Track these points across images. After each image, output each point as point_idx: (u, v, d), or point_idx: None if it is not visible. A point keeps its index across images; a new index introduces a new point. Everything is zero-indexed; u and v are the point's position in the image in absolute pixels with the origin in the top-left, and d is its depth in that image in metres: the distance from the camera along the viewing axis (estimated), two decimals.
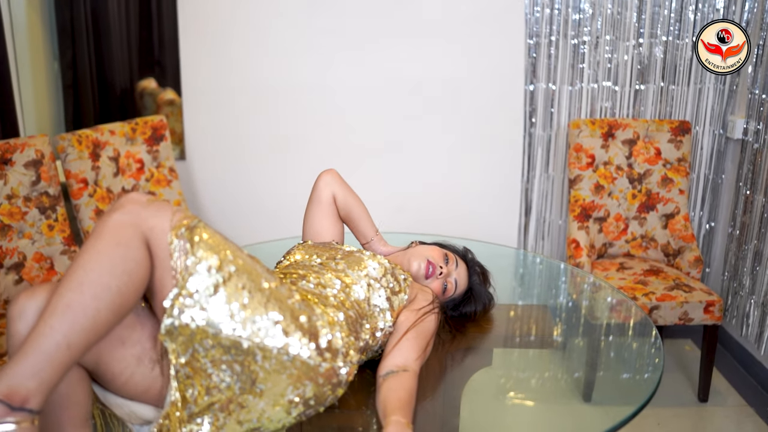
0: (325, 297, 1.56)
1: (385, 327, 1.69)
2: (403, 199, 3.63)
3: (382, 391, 1.51)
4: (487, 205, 3.63)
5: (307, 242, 1.88)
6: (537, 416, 2.14)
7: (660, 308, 2.93)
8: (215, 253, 1.32)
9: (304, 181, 3.72)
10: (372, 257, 1.78)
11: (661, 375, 1.83)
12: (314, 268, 1.69)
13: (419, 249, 1.98)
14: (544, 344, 1.99)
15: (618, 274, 3.13)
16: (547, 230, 3.64)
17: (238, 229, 3.63)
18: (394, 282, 1.76)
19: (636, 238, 3.34)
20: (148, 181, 3.16)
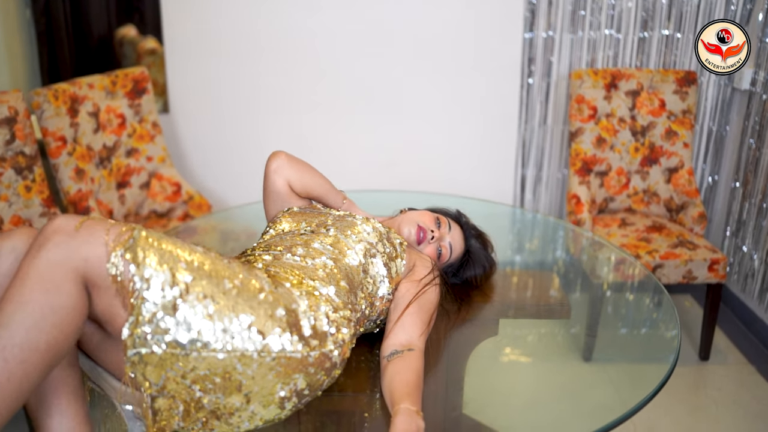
0: (313, 270, 1.45)
1: (385, 295, 1.60)
2: (395, 155, 3.50)
3: (387, 375, 1.42)
4: (483, 159, 3.51)
5: (293, 209, 1.76)
6: (540, 377, 2.07)
7: (664, 266, 2.85)
8: (165, 265, 1.19)
9: (294, 134, 3.58)
10: (365, 221, 1.66)
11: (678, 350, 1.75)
12: (303, 237, 1.57)
13: (409, 215, 1.86)
14: (554, 314, 1.90)
15: (620, 231, 3.04)
16: (546, 185, 3.53)
17: (225, 186, 3.50)
18: (390, 247, 1.66)
19: (638, 193, 3.24)
20: (130, 137, 3.01)
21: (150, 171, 3.08)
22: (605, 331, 2.67)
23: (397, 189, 3.43)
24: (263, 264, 1.44)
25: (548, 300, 1.88)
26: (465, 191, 3.46)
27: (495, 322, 1.90)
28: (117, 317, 1.20)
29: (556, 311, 1.88)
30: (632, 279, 2.76)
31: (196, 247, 1.28)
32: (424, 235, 1.79)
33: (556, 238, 2.94)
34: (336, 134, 3.46)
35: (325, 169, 3.52)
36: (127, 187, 3.02)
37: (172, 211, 3.11)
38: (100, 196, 2.89)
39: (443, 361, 1.74)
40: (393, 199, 3.00)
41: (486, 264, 1.92)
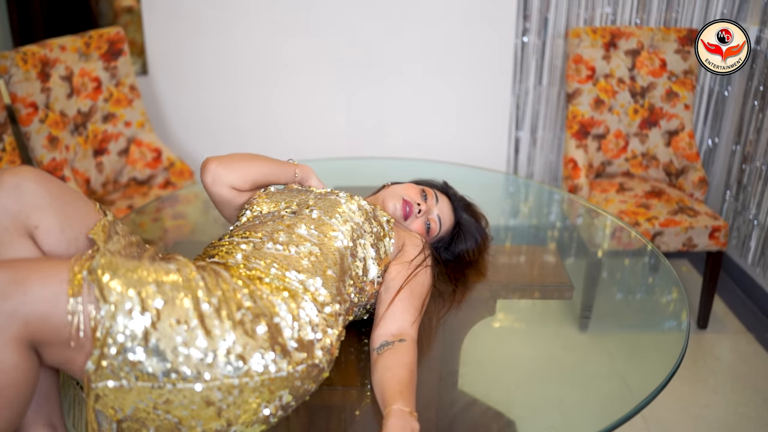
0: (297, 259, 1.34)
1: (374, 278, 1.49)
2: (383, 118, 3.37)
3: (377, 371, 1.32)
4: (476, 121, 3.38)
5: (269, 189, 1.62)
6: (534, 348, 1.99)
7: (663, 234, 2.76)
8: (132, 289, 1.08)
9: (278, 96, 3.43)
10: (349, 199, 1.54)
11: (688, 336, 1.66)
12: (285, 221, 1.45)
13: (392, 189, 1.74)
14: (556, 294, 1.80)
15: (618, 197, 2.94)
16: (541, 148, 3.41)
17: (208, 151, 3.36)
18: (378, 226, 1.55)
19: (636, 156, 3.13)
20: (107, 101, 2.86)
21: (128, 137, 2.94)
22: (602, 300, 2.59)
23: (385, 156, 3.31)
24: (242, 255, 1.33)
25: (550, 280, 1.78)
26: (457, 155, 3.34)
27: (492, 302, 1.81)
28: (77, 358, 1.09)
29: (558, 292, 1.78)
30: (630, 247, 2.68)
31: (167, 265, 1.16)
32: (410, 209, 1.67)
33: (552, 206, 2.85)
34: (321, 97, 3.32)
35: (310, 135, 3.40)
36: (105, 154, 2.88)
37: (152, 178, 2.98)
38: (76, 165, 2.75)
39: (437, 344, 1.65)
40: (381, 167, 2.89)
41: (478, 236, 1.81)
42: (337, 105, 3.33)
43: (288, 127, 3.36)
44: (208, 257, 1.37)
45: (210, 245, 1.43)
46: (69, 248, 1.20)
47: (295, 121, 3.35)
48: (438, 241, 1.77)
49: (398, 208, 1.67)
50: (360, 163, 2.86)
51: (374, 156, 3.22)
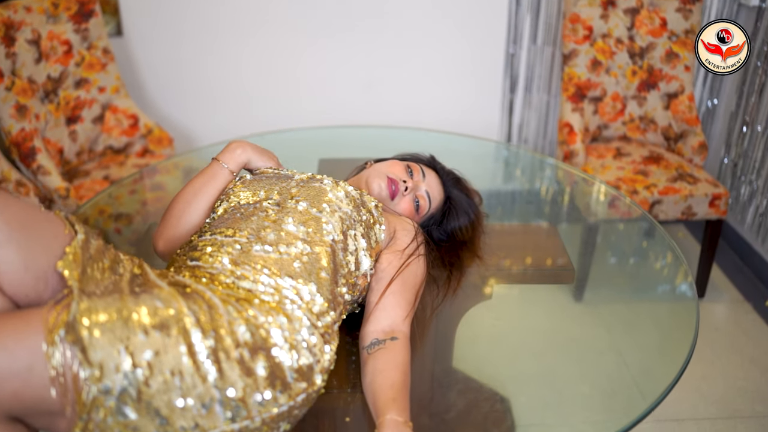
0: (288, 263, 1.23)
1: (367, 271, 1.39)
2: (373, 80, 3.22)
3: (368, 373, 1.22)
4: (467, 83, 3.25)
5: (245, 177, 1.49)
6: (528, 320, 1.91)
7: (662, 202, 2.66)
8: (119, 343, 0.96)
9: (262, 58, 3.26)
10: (334, 186, 1.41)
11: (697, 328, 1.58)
12: (269, 215, 1.32)
13: (376, 168, 1.63)
14: (557, 279, 1.71)
15: (615, 163, 2.83)
16: (535, 110, 3.29)
17: (188, 116, 3.22)
18: (367, 214, 1.43)
19: (634, 120, 3.02)
20: (79, 66, 2.70)
21: (103, 103, 2.79)
22: (597, 269, 2.52)
23: (372, 124, 3.19)
24: (230, 259, 1.22)
25: (550, 263, 1.69)
26: (448, 119, 3.22)
27: (488, 287, 1.71)
28: (60, 423, 0.99)
29: (559, 276, 1.68)
30: (628, 216, 2.60)
31: (153, 301, 1.03)
32: (396, 187, 1.56)
33: (546, 175, 2.74)
34: (307, 59, 3.17)
35: (295, 98, 3.25)
36: (78, 122, 2.73)
37: (129, 146, 2.84)
38: (48, 134, 2.61)
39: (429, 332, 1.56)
40: (368, 137, 2.76)
41: (470, 212, 1.70)
42: (323, 67, 3.18)
43: (271, 91, 3.22)
44: (190, 260, 1.25)
45: (190, 244, 1.31)
46: (37, 286, 1.04)
47: (278, 84, 3.20)
48: (429, 219, 1.66)
49: (383, 188, 1.56)
50: (346, 132, 2.73)
51: (361, 124, 3.09)
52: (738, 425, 2.32)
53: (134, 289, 1.09)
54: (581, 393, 1.85)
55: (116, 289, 1.07)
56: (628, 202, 2.36)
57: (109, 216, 2.37)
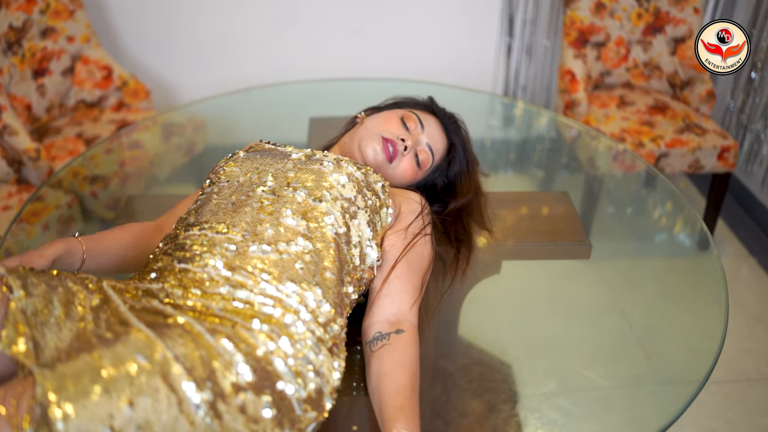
0: (290, 264, 1.09)
1: (374, 263, 1.25)
2: (362, 28, 3.02)
3: (373, 377, 1.10)
4: (462, 26, 3.06)
5: (238, 154, 1.33)
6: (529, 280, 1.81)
7: (669, 155, 2.54)
8: (103, 424, 0.81)
9: (247, 2, 3.03)
10: (336, 167, 1.25)
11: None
12: (264, 207, 1.17)
13: (367, 126, 1.45)
14: (571, 254, 1.59)
15: (619, 113, 2.69)
16: (533, 56, 3.12)
17: (164, 65, 3.02)
18: (373, 196, 1.28)
19: (638, 66, 2.86)
20: (43, 13, 2.48)
21: (73, 54, 2.59)
22: (599, 225, 2.41)
23: (360, 76, 3.00)
24: (224, 263, 1.07)
25: (564, 236, 1.56)
26: (441, 66, 3.05)
27: (497, 263, 1.59)
28: None
29: (574, 251, 1.56)
30: (632, 169, 2.48)
31: (134, 355, 0.87)
32: (395, 148, 1.40)
33: (546, 128, 2.60)
34: (295, 2, 2.95)
35: (278, 47, 3.05)
36: (47, 75, 2.54)
37: (103, 99, 2.65)
38: (13, 90, 2.41)
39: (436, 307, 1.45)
40: (356, 91, 2.59)
41: (465, 157, 1.55)
42: (310, 11, 2.97)
43: (256, 39, 3.01)
44: (177, 261, 1.10)
45: (176, 241, 1.15)
46: None
47: (264, 32, 2.99)
48: (434, 172, 1.52)
49: (379, 152, 1.39)
50: (335, 86, 2.56)
51: (349, 77, 2.90)
52: (746, 388, 2.25)
53: (104, 335, 0.93)
54: (585, 355, 1.77)
55: (82, 343, 0.91)
56: (629, 155, 2.25)
57: (84, 178, 2.21)
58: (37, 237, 2.06)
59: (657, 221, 2.32)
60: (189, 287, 1.04)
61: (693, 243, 2.23)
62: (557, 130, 2.59)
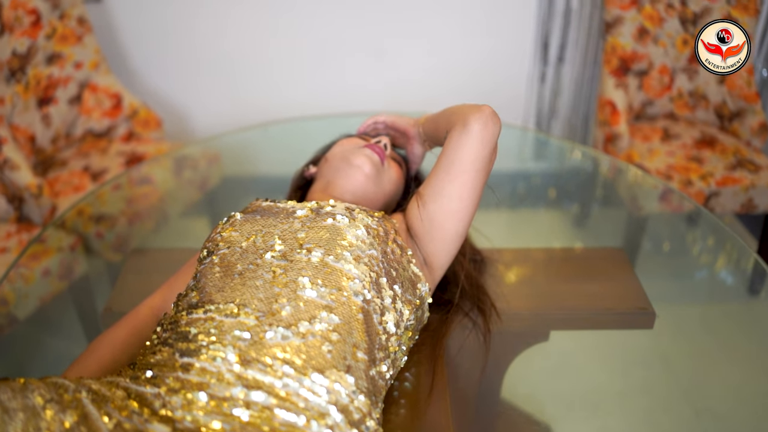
0: (315, 348, 0.91)
1: (407, 324, 1.09)
2: (383, 52, 2.85)
3: None
4: (492, 50, 2.88)
5: (235, 217, 1.15)
6: None
7: (720, 195, 2.34)
8: None
9: (265, 27, 2.85)
10: (351, 222, 1.08)
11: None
12: (276, 276, 0.99)
13: (336, 157, 1.33)
14: (632, 324, 1.40)
15: (664, 147, 2.50)
16: (568, 84, 2.94)
17: (177, 92, 2.86)
18: (395, 247, 1.12)
19: (683, 96, 2.67)
20: (50, 38, 2.33)
21: (80, 81, 2.43)
22: (643, 266, 2.24)
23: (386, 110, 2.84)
24: (237, 354, 0.89)
25: (623, 303, 1.37)
26: (470, 91, 2.87)
27: (545, 332, 1.41)
28: None
29: (634, 320, 1.37)
30: (680, 210, 2.30)
31: None
32: (379, 148, 1.32)
33: (582, 163, 2.42)
34: (314, 24, 2.79)
35: (298, 71, 2.88)
36: (52, 103, 2.38)
37: (112, 129, 2.49)
38: (16, 120, 2.26)
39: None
40: None
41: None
42: (327, 40, 2.81)
43: (273, 65, 2.84)
44: (179, 355, 0.91)
45: (177, 329, 0.96)
46: None
47: (282, 57, 2.83)
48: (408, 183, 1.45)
49: (370, 155, 1.29)
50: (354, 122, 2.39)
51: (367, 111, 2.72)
52: None
53: None
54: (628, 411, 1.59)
55: None
56: (680, 196, 2.07)
57: (90, 218, 2.05)
58: (37, 283, 1.89)
59: (705, 263, 2.15)
60: (193, 391, 0.86)
61: (743, 287, 2.06)
62: (595, 165, 2.42)
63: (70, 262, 1.97)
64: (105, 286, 2.11)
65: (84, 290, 2.02)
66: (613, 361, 1.97)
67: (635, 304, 1.38)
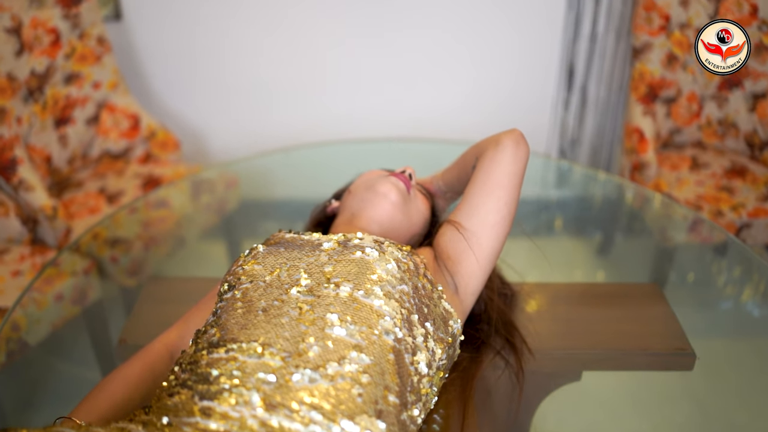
0: (345, 393, 0.84)
1: (440, 364, 1.02)
2: (406, 75, 2.81)
3: None
4: (515, 77, 2.83)
5: (257, 249, 1.09)
6: None
7: (752, 226, 2.26)
8: None
9: (286, 49, 2.81)
10: (380, 255, 1.02)
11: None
12: (302, 313, 0.93)
13: (359, 188, 1.27)
14: (670, 365, 1.33)
15: (692, 176, 2.43)
16: (592, 110, 2.88)
17: (197, 117, 2.82)
18: (425, 282, 1.06)
19: (711, 124, 2.60)
20: (69, 58, 2.30)
21: (98, 101, 2.40)
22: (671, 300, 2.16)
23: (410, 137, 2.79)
24: (261, 397, 0.82)
25: (661, 344, 1.30)
26: (493, 123, 2.82)
27: (576, 372, 1.34)
28: None
29: (671, 362, 1.30)
30: (709, 241, 2.23)
31: None
32: (401, 176, 1.26)
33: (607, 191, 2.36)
34: (339, 47, 2.75)
35: (320, 95, 2.84)
36: (69, 124, 2.34)
37: (130, 150, 2.46)
38: (33, 140, 2.22)
39: None
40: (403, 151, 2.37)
41: None
42: (347, 64, 2.77)
43: (295, 87, 2.80)
44: (198, 397, 0.84)
45: (196, 369, 0.89)
46: None
47: (304, 80, 2.79)
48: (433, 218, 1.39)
49: (396, 182, 1.24)
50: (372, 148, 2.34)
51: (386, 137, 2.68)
52: None
53: None
54: None
55: None
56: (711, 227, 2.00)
57: (104, 241, 2.00)
58: (50, 308, 1.85)
59: (731, 294, 2.08)
60: None
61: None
62: (620, 193, 2.36)
63: (83, 287, 1.92)
64: (119, 312, 2.07)
65: (97, 316, 1.97)
66: (641, 399, 1.90)
67: (674, 344, 1.31)
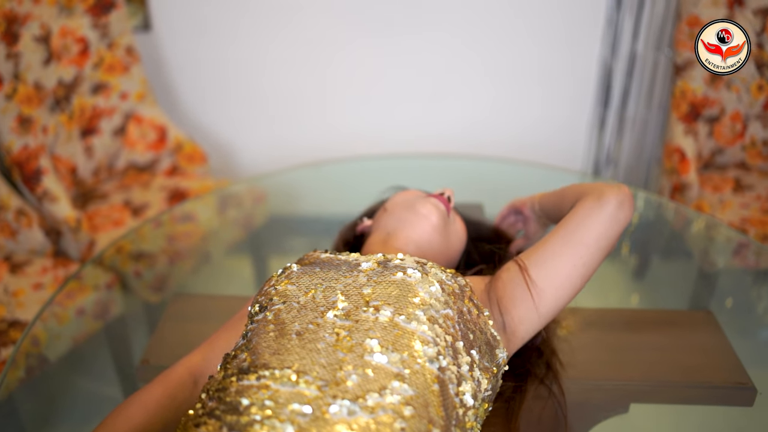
0: (387, 427, 0.77)
1: (486, 395, 0.95)
2: (436, 87, 2.75)
3: None
4: (551, 94, 2.75)
5: (291, 268, 1.02)
6: None
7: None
8: None
9: (318, 60, 2.75)
10: (423, 276, 0.96)
11: None
12: (340, 339, 0.86)
13: (396, 206, 1.22)
14: (729, 400, 1.23)
15: (737, 198, 2.33)
16: (630, 129, 2.79)
17: (225, 127, 2.77)
18: (470, 306, 0.98)
19: (756, 144, 2.51)
20: (97, 67, 2.26)
21: (125, 112, 2.35)
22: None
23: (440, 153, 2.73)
24: (295, 430, 0.75)
25: (717, 377, 1.21)
26: (526, 142, 2.75)
27: (624, 404, 1.26)
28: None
29: (730, 396, 1.21)
30: (756, 266, 2.12)
31: None
32: (440, 198, 1.21)
33: (647, 219, 2.27)
34: (370, 58, 2.69)
35: (351, 106, 2.79)
36: (96, 134, 2.30)
37: (156, 163, 2.41)
38: (58, 150, 2.18)
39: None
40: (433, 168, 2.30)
41: None
42: (379, 78, 2.71)
43: (326, 99, 2.75)
44: (227, 427, 0.77)
45: (225, 398, 0.82)
46: None
47: (336, 92, 2.73)
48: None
49: (436, 203, 1.18)
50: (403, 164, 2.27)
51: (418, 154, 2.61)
52: None
53: None
54: None
55: None
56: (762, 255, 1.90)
57: (128, 255, 1.94)
58: (71, 323, 1.79)
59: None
60: None
61: None
62: (659, 214, 2.27)
63: (106, 302, 1.86)
64: (141, 328, 2.01)
65: (119, 331, 1.91)
66: None
67: (732, 378, 1.22)
